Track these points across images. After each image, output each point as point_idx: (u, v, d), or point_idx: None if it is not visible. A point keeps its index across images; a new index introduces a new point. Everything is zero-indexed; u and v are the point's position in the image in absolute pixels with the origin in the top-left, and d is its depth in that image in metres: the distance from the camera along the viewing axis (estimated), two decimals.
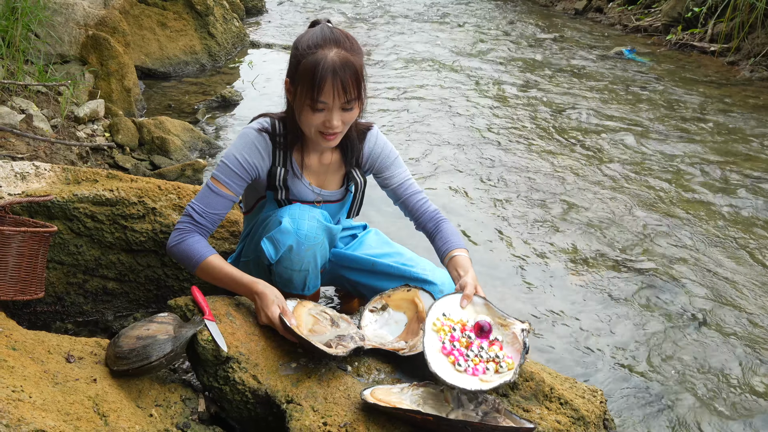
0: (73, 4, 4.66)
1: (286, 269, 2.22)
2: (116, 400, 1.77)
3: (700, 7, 7.82)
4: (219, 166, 2.20)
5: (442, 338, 1.95)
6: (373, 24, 8.71)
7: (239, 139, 2.22)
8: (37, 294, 2.19)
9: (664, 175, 4.40)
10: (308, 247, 2.17)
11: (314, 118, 2.06)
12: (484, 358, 1.91)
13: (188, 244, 2.14)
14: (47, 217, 2.40)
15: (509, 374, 1.85)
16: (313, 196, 2.32)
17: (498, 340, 1.98)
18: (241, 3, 8.41)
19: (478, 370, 1.87)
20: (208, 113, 5.16)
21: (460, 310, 2.06)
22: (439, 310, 2.03)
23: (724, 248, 3.51)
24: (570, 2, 10.22)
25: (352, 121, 2.12)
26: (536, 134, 5.07)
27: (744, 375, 2.63)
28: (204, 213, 2.17)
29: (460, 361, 1.89)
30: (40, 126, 3.65)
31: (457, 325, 2.00)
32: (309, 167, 2.30)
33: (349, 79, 1.99)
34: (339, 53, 1.99)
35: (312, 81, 1.99)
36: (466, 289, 2.10)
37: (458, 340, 1.95)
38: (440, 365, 1.86)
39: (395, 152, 2.41)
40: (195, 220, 2.17)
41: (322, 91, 1.99)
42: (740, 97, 6.14)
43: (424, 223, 2.40)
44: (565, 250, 3.47)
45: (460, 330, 1.99)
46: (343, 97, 2.01)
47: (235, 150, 2.20)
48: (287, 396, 1.86)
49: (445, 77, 6.50)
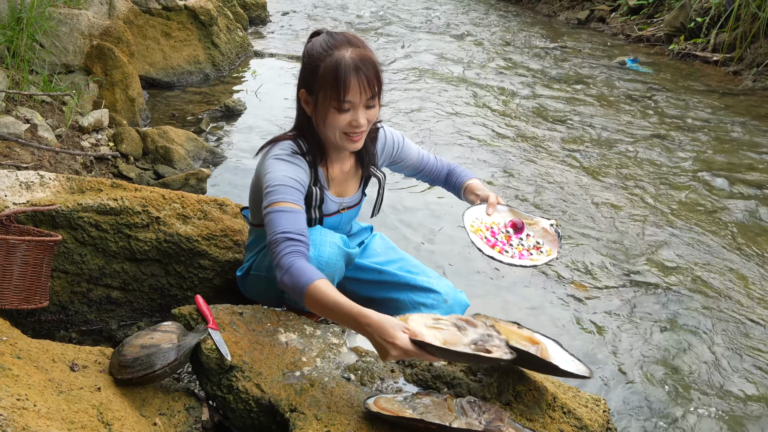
0: (78, 15, 4.68)
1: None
2: (120, 408, 1.77)
3: (703, 17, 7.83)
4: (275, 191, 2.02)
5: (483, 236, 2.18)
6: (376, 34, 8.74)
7: (279, 163, 2.09)
8: (41, 303, 2.20)
9: (666, 184, 4.40)
10: (328, 273, 2.14)
11: (341, 119, 2.05)
12: (525, 246, 2.20)
13: (298, 267, 1.89)
14: (52, 226, 2.41)
15: (554, 254, 2.17)
16: (335, 206, 2.32)
17: (531, 235, 2.26)
18: (245, 13, 8.45)
19: (524, 255, 2.15)
20: (212, 123, 5.18)
21: (488, 216, 2.29)
22: (471, 217, 2.24)
23: (728, 258, 3.51)
24: (572, 12, 10.25)
25: (374, 118, 2.13)
26: (538, 143, 5.08)
27: (748, 385, 2.62)
28: (298, 231, 1.97)
29: (506, 248, 2.16)
30: (44, 135, 3.66)
31: (492, 226, 2.26)
32: (334, 179, 2.30)
33: (372, 74, 2.02)
34: (355, 51, 2.02)
35: (336, 82, 1.98)
36: (489, 198, 2.32)
37: (498, 235, 2.22)
38: (492, 252, 2.11)
39: (400, 135, 2.47)
40: (296, 240, 1.95)
41: (348, 90, 1.99)
42: (743, 106, 6.14)
43: (441, 176, 2.57)
44: (569, 259, 3.47)
45: (497, 228, 2.25)
46: (368, 92, 2.02)
47: (281, 173, 2.06)
48: (291, 405, 1.86)
49: (447, 87, 6.51)
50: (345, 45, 2.03)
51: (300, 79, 2.13)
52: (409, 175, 2.60)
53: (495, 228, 2.26)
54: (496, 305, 3.05)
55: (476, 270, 3.33)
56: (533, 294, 3.17)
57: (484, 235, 2.19)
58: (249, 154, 4.62)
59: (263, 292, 2.41)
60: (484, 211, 2.31)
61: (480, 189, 2.41)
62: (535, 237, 2.26)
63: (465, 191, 2.46)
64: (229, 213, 2.77)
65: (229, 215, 2.76)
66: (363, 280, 2.45)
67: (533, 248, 2.20)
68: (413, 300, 2.43)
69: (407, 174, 2.59)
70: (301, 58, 2.14)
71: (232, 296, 2.58)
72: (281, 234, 1.94)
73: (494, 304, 3.07)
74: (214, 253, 2.62)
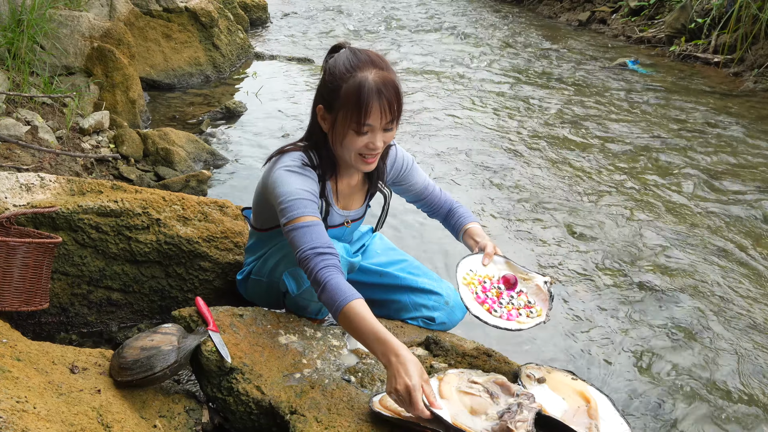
0: (79, 16, 4.69)
1: (304, 299, 2.22)
2: (120, 410, 1.77)
3: (704, 18, 7.83)
4: (293, 206, 2.00)
5: (474, 290, 2.11)
6: (378, 36, 8.74)
7: (290, 177, 2.07)
8: (41, 305, 2.20)
9: (667, 185, 4.39)
10: None
11: (358, 141, 2.01)
12: (515, 305, 2.10)
13: (334, 285, 1.88)
14: (52, 228, 2.41)
15: (543, 316, 2.06)
16: (340, 219, 2.31)
17: (523, 292, 2.17)
18: (246, 15, 8.46)
19: (512, 315, 2.06)
20: (213, 124, 5.18)
21: (484, 267, 2.22)
22: (465, 267, 2.18)
23: (730, 259, 3.50)
24: (573, 14, 10.25)
25: (391, 140, 2.09)
26: (539, 145, 5.07)
27: (750, 387, 2.62)
28: (325, 245, 1.96)
29: (495, 307, 2.07)
30: (45, 137, 3.66)
31: (485, 279, 2.18)
32: (341, 192, 2.28)
33: (393, 98, 1.98)
34: (379, 73, 1.97)
35: (358, 105, 1.95)
36: (487, 248, 2.25)
37: (489, 291, 2.14)
38: (480, 311, 2.05)
39: (410, 158, 2.45)
40: (327, 254, 1.94)
41: (369, 114, 1.96)
42: (744, 107, 6.14)
43: (442, 211, 2.51)
44: (568, 260, 3.47)
45: (489, 283, 2.17)
46: (388, 116, 1.99)
47: (295, 186, 2.04)
48: (291, 407, 1.86)
49: (448, 88, 6.51)
50: (369, 66, 1.98)
51: (319, 93, 2.08)
52: (410, 201, 2.54)
53: (488, 282, 2.18)
54: None
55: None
56: None
57: (475, 290, 2.12)
58: (250, 155, 4.62)
59: (264, 296, 2.41)
60: (480, 261, 2.23)
61: (479, 236, 2.34)
62: (527, 294, 2.17)
63: (464, 235, 2.39)
64: (230, 215, 2.77)
65: (230, 217, 2.76)
66: (365, 283, 2.45)
67: (524, 307, 2.11)
68: (414, 302, 2.43)
69: (408, 199, 2.54)
70: (322, 73, 2.09)
71: (233, 298, 2.58)
72: (311, 250, 1.93)
73: None
74: (215, 255, 2.61)
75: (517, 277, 2.20)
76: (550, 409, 1.82)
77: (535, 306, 2.12)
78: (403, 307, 2.44)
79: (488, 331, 2.87)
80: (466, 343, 2.25)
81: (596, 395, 1.93)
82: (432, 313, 2.41)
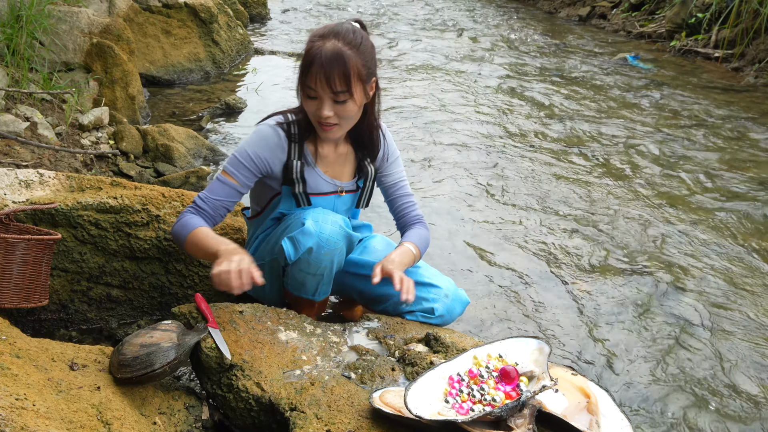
0: (78, 12, 4.67)
1: (301, 272, 2.22)
2: (120, 407, 1.76)
3: (704, 13, 7.82)
4: (229, 159, 2.25)
5: (466, 367, 1.90)
6: (378, 31, 8.72)
7: (253, 134, 2.26)
8: (41, 301, 2.20)
9: (668, 181, 4.39)
10: (327, 251, 2.17)
11: (309, 104, 2.14)
12: (476, 399, 1.80)
13: (183, 222, 2.18)
14: (51, 224, 2.41)
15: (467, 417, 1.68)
16: (329, 187, 2.35)
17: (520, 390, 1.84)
18: (246, 10, 8.44)
19: (463, 408, 1.76)
20: (213, 120, 5.17)
21: (522, 354, 1.95)
22: (498, 348, 1.97)
23: (731, 255, 3.50)
24: (574, 9, 10.23)
25: (349, 115, 2.15)
26: (539, 140, 5.07)
27: (751, 383, 2.62)
28: (206, 198, 2.22)
29: (453, 393, 1.82)
30: (44, 134, 3.66)
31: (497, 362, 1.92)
32: (325, 158, 2.33)
33: (336, 72, 2.04)
34: (335, 45, 2.06)
35: (303, 67, 2.08)
36: (394, 276, 2.17)
37: (476, 376, 1.87)
38: (431, 389, 1.81)
39: (397, 151, 2.48)
40: (197, 205, 2.22)
41: (306, 78, 2.08)
42: (745, 102, 6.13)
43: (403, 224, 2.48)
44: (571, 257, 3.46)
45: (493, 369, 1.89)
46: (329, 86, 2.06)
47: (246, 144, 2.25)
48: (291, 403, 1.86)
49: (449, 83, 6.50)
50: (331, 36, 2.08)
51: None
52: (383, 194, 2.53)
53: (491, 366, 1.90)
54: (497, 305, 3.05)
55: (476, 269, 3.32)
56: (534, 293, 3.16)
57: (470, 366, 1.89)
58: None
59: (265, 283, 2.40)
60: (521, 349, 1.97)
61: (397, 252, 2.29)
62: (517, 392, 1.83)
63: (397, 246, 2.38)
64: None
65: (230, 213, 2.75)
66: (363, 276, 2.44)
67: (481, 402, 1.78)
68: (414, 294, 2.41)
69: (381, 191, 2.53)
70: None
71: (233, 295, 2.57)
72: (199, 198, 2.23)
73: (495, 303, 3.06)
74: None
75: (518, 372, 1.87)
76: (550, 406, 1.82)
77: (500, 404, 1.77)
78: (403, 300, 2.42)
79: (489, 330, 2.88)
80: (466, 340, 2.24)
81: (596, 391, 1.92)
82: (431, 305, 2.38)
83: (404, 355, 2.09)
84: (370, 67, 2.15)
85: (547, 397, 1.85)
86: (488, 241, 3.60)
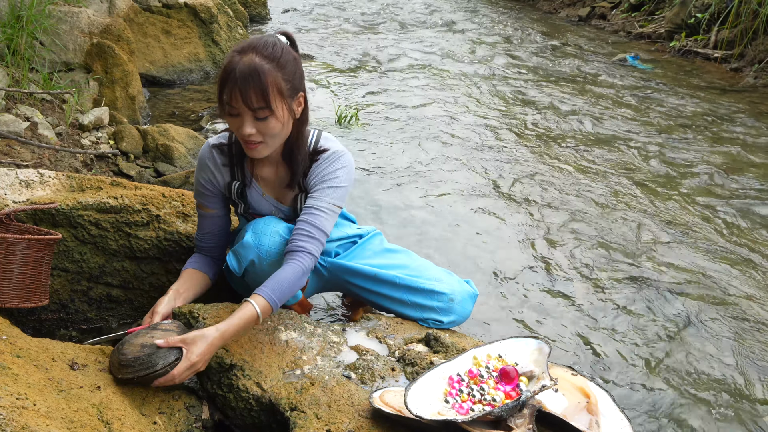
0: (78, 12, 4.68)
1: (254, 282, 2.12)
2: (120, 407, 1.77)
3: (703, 13, 7.82)
4: (195, 193, 2.33)
5: (466, 367, 1.91)
6: (378, 31, 8.72)
7: (198, 163, 2.28)
8: (41, 301, 2.20)
9: (668, 181, 4.39)
10: (270, 262, 2.14)
11: (231, 122, 2.03)
12: (476, 399, 1.81)
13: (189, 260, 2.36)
14: (52, 224, 2.41)
15: (467, 417, 1.69)
16: (270, 208, 2.29)
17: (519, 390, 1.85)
18: (245, 11, 8.44)
19: (463, 408, 1.78)
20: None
21: (522, 354, 1.95)
22: (498, 348, 1.97)
23: (730, 255, 3.50)
24: (573, 9, 10.24)
25: (273, 132, 2.01)
26: (539, 141, 5.07)
27: (750, 383, 2.62)
28: (198, 236, 2.36)
29: (453, 393, 1.83)
30: (44, 134, 3.66)
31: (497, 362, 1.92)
32: (264, 179, 2.26)
33: (251, 88, 1.92)
34: (252, 59, 1.94)
35: (219, 83, 1.98)
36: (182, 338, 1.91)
37: (476, 376, 1.88)
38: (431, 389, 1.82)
39: (340, 183, 2.19)
40: (196, 244, 2.38)
41: (224, 93, 1.97)
42: (744, 103, 6.13)
43: (287, 250, 2.11)
44: (570, 257, 3.47)
45: (492, 369, 1.90)
46: (244, 105, 1.95)
47: (197, 174, 2.28)
48: (291, 403, 1.86)
49: (448, 84, 6.50)
50: (249, 51, 1.96)
51: None
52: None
53: (492, 366, 1.91)
54: (497, 305, 3.05)
55: (476, 270, 3.32)
56: (534, 292, 3.16)
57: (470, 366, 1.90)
58: None
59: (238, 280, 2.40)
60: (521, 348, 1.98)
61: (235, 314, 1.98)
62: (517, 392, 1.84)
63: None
64: None
65: None
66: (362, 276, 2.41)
67: (481, 402, 1.80)
68: (415, 302, 2.36)
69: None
70: None
71: (232, 294, 2.57)
72: (195, 235, 2.39)
73: (494, 302, 3.07)
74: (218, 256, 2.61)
75: (518, 372, 1.88)
76: (550, 406, 1.82)
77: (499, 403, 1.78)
78: (406, 314, 2.38)
79: (489, 330, 2.88)
80: (466, 340, 2.25)
81: (596, 391, 1.92)
82: (438, 317, 2.34)
83: (404, 355, 2.10)
84: (293, 82, 2.02)
85: (547, 397, 1.85)
86: (488, 241, 3.60)
